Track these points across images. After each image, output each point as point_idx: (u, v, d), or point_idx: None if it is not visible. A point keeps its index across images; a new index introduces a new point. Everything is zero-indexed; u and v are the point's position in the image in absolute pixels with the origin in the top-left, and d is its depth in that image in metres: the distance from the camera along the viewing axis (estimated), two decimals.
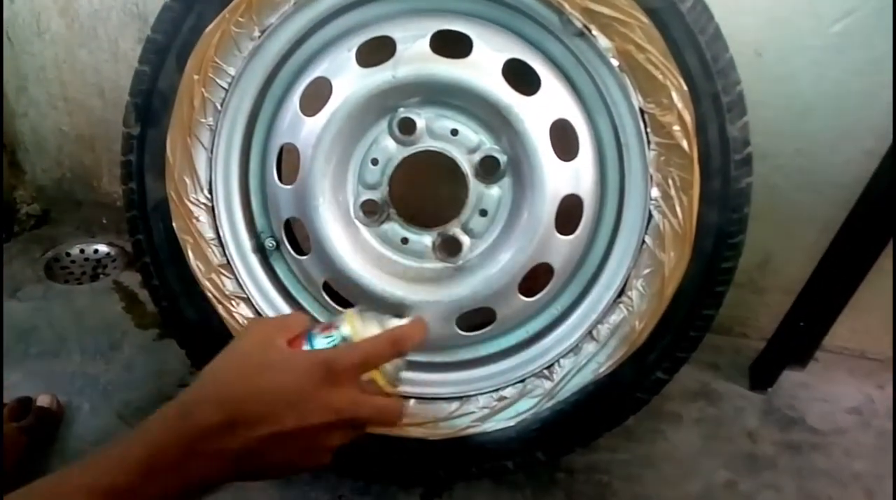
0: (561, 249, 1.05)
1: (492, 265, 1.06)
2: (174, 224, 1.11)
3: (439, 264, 1.10)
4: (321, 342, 0.68)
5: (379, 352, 0.67)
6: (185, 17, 1.04)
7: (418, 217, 1.11)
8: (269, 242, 1.15)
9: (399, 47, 1.00)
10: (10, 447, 1.15)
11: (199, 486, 0.61)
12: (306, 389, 0.62)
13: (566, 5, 0.96)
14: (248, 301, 1.15)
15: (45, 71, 1.66)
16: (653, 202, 1.02)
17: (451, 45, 1.01)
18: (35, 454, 1.19)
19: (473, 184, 1.05)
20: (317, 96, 1.04)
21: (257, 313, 1.15)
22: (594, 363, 1.09)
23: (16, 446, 1.15)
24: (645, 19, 0.94)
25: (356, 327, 0.70)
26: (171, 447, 0.59)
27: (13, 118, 1.76)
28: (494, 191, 1.06)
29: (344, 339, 0.69)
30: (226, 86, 1.07)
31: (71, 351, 1.44)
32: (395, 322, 0.72)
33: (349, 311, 0.72)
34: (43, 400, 1.26)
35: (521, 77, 1.00)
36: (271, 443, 0.61)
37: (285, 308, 1.17)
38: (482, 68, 0.99)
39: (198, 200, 1.11)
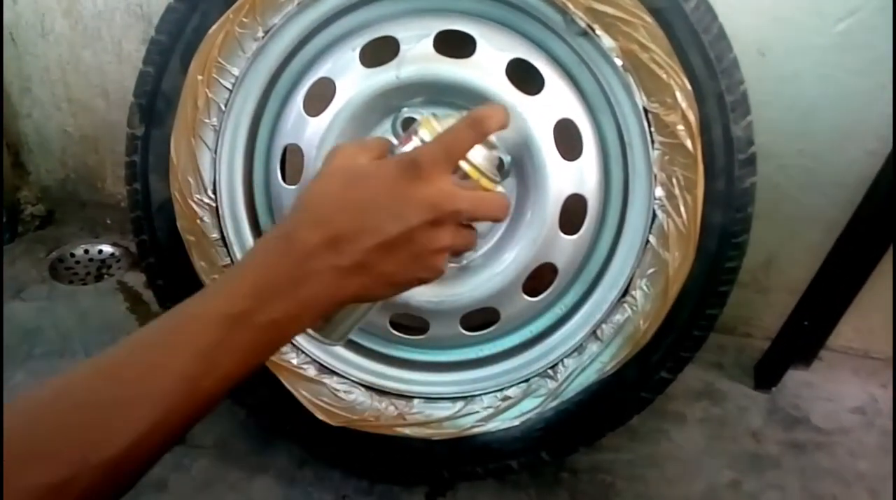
0: (565, 248, 1.05)
1: (496, 265, 1.06)
2: (178, 224, 1.11)
3: None
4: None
5: (461, 137, 0.64)
6: (189, 18, 1.04)
7: None
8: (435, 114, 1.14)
9: (402, 47, 1.00)
10: None
11: (316, 307, 0.61)
12: (398, 190, 0.60)
13: (570, 5, 0.96)
14: None
15: (49, 72, 1.66)
16: (657, 202, 1.02)
17: (455, 45, 1.01)
18: None
19: None
20: (321, 97, 1.05)
21: None
22: (598, 363, 1.09)
23: None
24: (649, 19, 0.94)
25: (433, 127, 0.68)
26: (278, 269, 0.59)
27: (17, 119, 1.76)
28: (498, 190, 1.05)
29: (423, 142, 0.67)
30: (230, 86, 1.07)
31: (75, 351, 1.44)
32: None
33: (425, 116, 0.70)
34: None
35: (524, 77, 1.01)
36: (378, 253, 0.60)
37: None
38: (486, 68, 0.99)
39: (202, 200, 1.11)
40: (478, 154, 0.67)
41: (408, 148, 0.67)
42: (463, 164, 0.66)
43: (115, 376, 0.55)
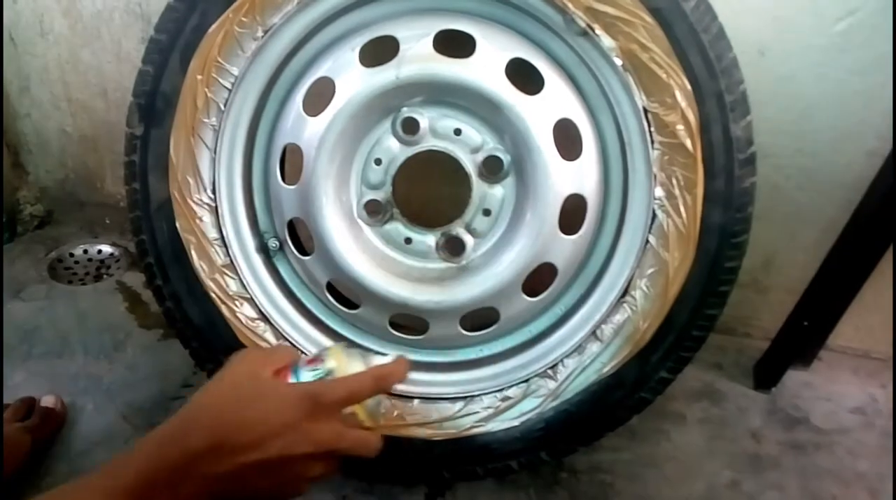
0: (564, 248, 1.05)
1: (495, 265, 1.06)
2: (177, 224, 1.11)
3: (443, 264, 1.10)
4: (307, 375, 0.71)
5: (363, 388, 0.69)
6: (189, 17, 1.04)
7: (422, 217, 1.11)
8: (273, 243, 1.15)
9: (402, 47, 1.00)
10: (15, 447, 1.14)
11: None
12: (292, 420, 0.64)
13: (570, 5, 0.96)
14: (251, 301, 1.15)
15: (49, 72, 1.66)
16: (656, 202, 1.02)
17: (455, 44, 1.01)
18: (38, 454, 1.19)
19: (477, 184, 1.05)
20: (320, 96, 1.05)
21: (261, 313, 1.15)
22: (598, 363, 1.09)
23: (20, 446, 1.15)
24: (649, 18, 0.94)
25: (341, 361, 0.72)
26: (160, 470, 0.61)
27: (16, 119, 1.76)
28: (498, 191, 1.06)
29: (329, 372, 0.71)
30: (229, 86, 1.07)
31: (74, 352, 1.44)
32: (378, 359, 0.75)
33: (334, 346, 0.76)
34: (47, 401, 1.26)
35: (524, 76, 1.00)
36: (255, 470, 0.63)
37: (289, 308, 1.17)
38: (485, 68, 0.99)
39: (201, 200, 1.11)
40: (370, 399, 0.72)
41: (311, 374, 0.71)
42: (355, 405, 0.71)
43: None
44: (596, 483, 1.23)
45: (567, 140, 1.02)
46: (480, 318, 1.11)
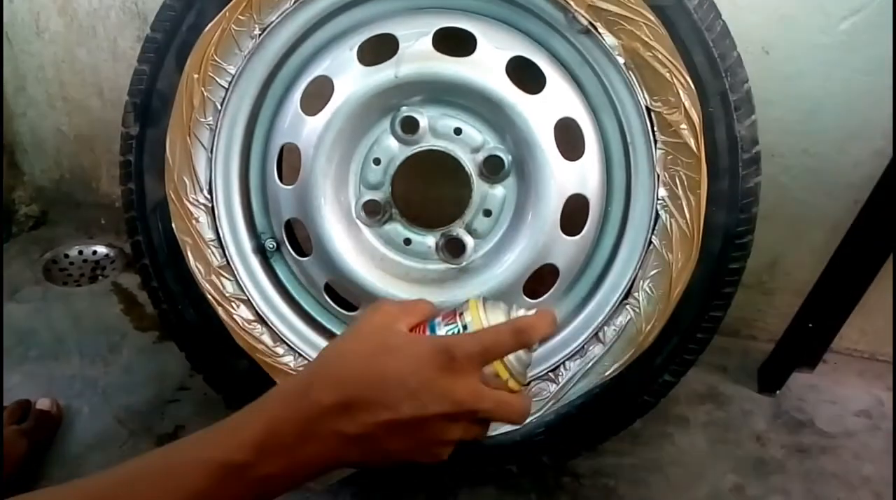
0: (566, 249, 1.04)
1: (496, 266, 1.04)
2: (173, 225, 1.10)
3: (443, 266, 1.08)
4: (443, 331, 0.66)
5: (502, 341, 0.63)
6: (185, 16, 1.03)
7: (421, 218, 1.10)
8: (270, 243, 1.14)
9: (401, 45, 0.99)
10: (12, 450, 1.13)
11: (315, 467, 0.60)
12: (425, 375, 0.59)
13: (572, 2, 0.94)
14: (248, 303, 1.13)
15: (44, 70, 1.65)
16: (660, 202, 1.00)
17: (455, 42, 0.99)
18: (34, 457, 1.17)
19: (477, 184, 1.04)
20: (318, 95, 1.03)
21: (257, 315, 1.14)
22: (600, 366, 1.07)
23: (17, 449, 1.14)
24: (651, 17, 0.93)
25: (479, 315, 0.66)
26: (287, 424, 0.58)
27: (12, 118, 1.75)
28: (498, 191, 1.04)
29: (466, 327, 0.66)
30: (226, 85, 1.06)
31: (70, 354, 1.43)
32: (522, 313, 0.68)
33: (473, 298, 0.69)
34: (43, 403, 1.25)
35: (525, 75, 0.99)
36: (388, 430, 0.59)
37: (286, 310, 1.15)
38: (486, 66, 0.98)
39: (197, 200, 1.10)
40: (512, 355, 0.65)
41: (449, 329, 0.66)
42: (496, 363, 0.64)
43: None
44: (599, 488, 1.22)
45: (569, 140, 1.00)
46: None
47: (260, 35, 1.03)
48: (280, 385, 0.63)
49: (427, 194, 1.24)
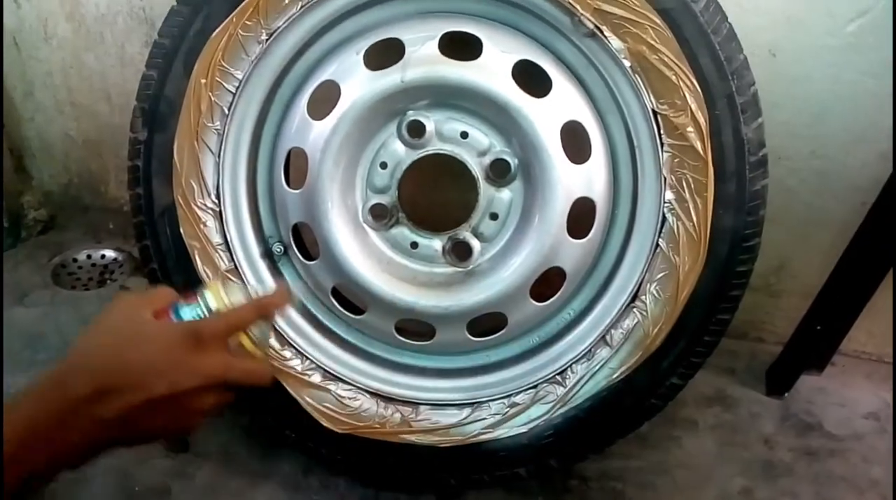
0: (573, 252, 1.04)
1: (503, 270, 1.04)
2: (181, 229, 1.10)
3: (449, 269, 1.09)
4: (187, 313, 0.71)
5: (244, 316, 0.71)
6: (192, 21, 1.04)
7: (428, 221, 1.10)
8: (277, 247, 1.14)
9: (408, 50, 0.99)
10: None
11: (79, 453, 0.64)
12: (175, 357, 0.65)
13: (577, 6, 0.94)
14: None
15: (52, 76, 1.66)
16: (666, 205, 1.00)
17: (461, 47, 0.99)
18: None
19: (484, 187, 1.04)
20: (325, 100, 1.04)
21: None
22: (607, 369, 1.07)
23: None
24: (657, 20, 0.93)
25: (220, 295, 0.72)
26: (45, 418, 0.61)
27: (20, 124, 1.75)
28: (505, 194, 1.04)
29: (208, 307, 0.71)
30: (233, 90, 1.06)
31: None
32: (259, 292, 0.77)
33: (211, 281, 0.77)
34: None
35: (531, 79, 0.99)
36: (144, 410, 0.63)
37: (293, 314, 1.15)
38: (492, 70, 0.98)
39: (205, 205, 1.10)
40: (254, 328, 0.73)
41: (190, 311, 0.71)
42: (241, 334, 0.72)
43: None
44: (607, 491, 1.22)
45: (575, 143, 1.00)
46: (488, 323, 1.09)
47: (267, 40, 1.04)
48: (35, 381, 0.65)
49: (434, 198, 1.25)
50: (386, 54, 1.01)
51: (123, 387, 0.62)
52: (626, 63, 0.96)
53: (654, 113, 0.97)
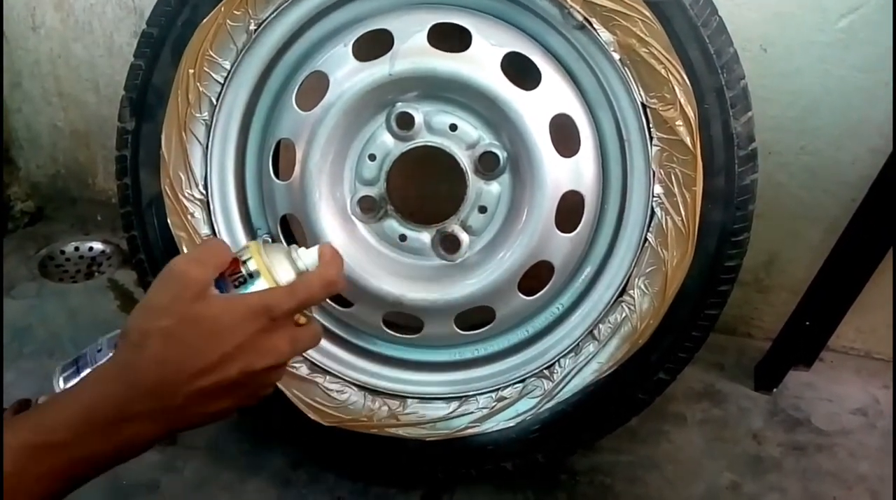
0: (561, 246, 1.03)
1: (491, 263, 1.04)
2: (169, 220, 1.09)
3: (438, 262, 1.08)
4: (230, 286, 0.67)
5: (314, 294, 0.68)
6: (181, 11, 1.03)
7: (416, 214, 1.09)
8: (266, 239, 1.14)
9: (396, 41, 0.99)
10: None
11: (135, 446, 0.61)
12: (249, 338, 0.62)
13: None
14: None
15: (40, 66, 1.64)
16: (655, 199, 1.00)
17: (450, 38, 0.99)
18: None
19: (472, 180, 1.04)
20: (314, 91, 1.03)
21: None
22: (595, 363, 1.07)
23: None
24: (647, 12, 0.92)
25: (262, 261, 0.69)
26: (104, 407, 0.59)
27: (7, 114, 1.74)
28: (494, 187, 1.04)
29: (251, 276, 0.68)
30: (221, 80, 1.06)
31: (65, 350, 1.42)
32: (303, 253, 0.72)
33: (252, 243, 0.71)
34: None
35: (521, 71, 0.99)
36: (212, 394, 0.61)
37: None
38: (481, 62, 0.98)
39: (193, 195, 1.10)
40: None
41: (235, 278, 0.67)
42: None
43: None
44: (595, 485, 1.22)
45: (564, 136, 1.00)
46: (476, 317, 1.09)
47: (255, 31, 1.03)
48: (96, 369, 0.63)
49: (422, 191, 1.24)
50: (375, 45, 1.00)
51: (192, 374, 0.60)
52: (616, 56, 0.96)
53: (644, 106, 0.97)
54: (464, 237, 1.06)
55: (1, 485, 0.53)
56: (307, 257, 0.71)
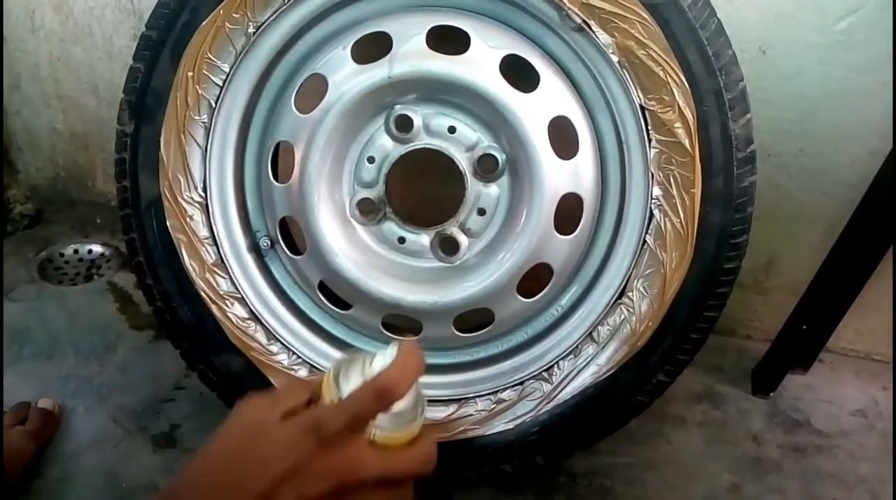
0: (560, 248, 1.03)
1: (490, 265, 1.04)
2: (168, 223, 1.09)
3: (437, 264, 1.08)
4: None
5: (366, 408, 0.57)
6: (180, 14, 1.03)
7: (415, 216, 1.09)
8: (264, 242, 1.14)
9: (395, 44, 0.99)
10: (21, 451, 1.13)
11: None
12: (299, 459, 0.55)
13: (565, 0, 0.94)
14: (242, 301, 1.13)
15: (39, 69, 1.65)
16: (654, 201, 1.00)
17: (449, 41, 0.99)
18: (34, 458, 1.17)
19: (471, 182, 1.04)
20: (313, 93, 1.03)
21: (252, 313, 1.13)
22: (594, 365, 1.07)
23: (26, 450, 1.14)
24: (646, 15, 0.92)
25: (331, 389, 0.60)
26: None
27: (6, 117, 1.74)
28: (492, 190, 1.04)
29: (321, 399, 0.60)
30: (220, 83, 1.06)
31: (64, 353, 1.42)
32: (377, 362, 0.60)
33: (328, 374, 0.61)
34: (45, 403, 1.25)
35: (519, 73, 0.99)
36: None
37: (280, 308, 1.15)
38: (480, 65, 0.98)
39: (192, 198, 1.10)
40: (383, 416, 0.59)
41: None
42: (370, 428, 0.58)
43: None
44: (595, 487, 1.21)
45: (563, 138, 1.00)
46: (475, 319, 1.09)
47: (254, 33, 1.03)
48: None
49: (421, 193, 1.24)
50: (374, 48, 1.00)
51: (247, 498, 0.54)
52: (614, 58, 0.96)
53: (642, 109, 0.97)
54: (463, 239, 1.06)
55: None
56: (378, 363, 0.60)
